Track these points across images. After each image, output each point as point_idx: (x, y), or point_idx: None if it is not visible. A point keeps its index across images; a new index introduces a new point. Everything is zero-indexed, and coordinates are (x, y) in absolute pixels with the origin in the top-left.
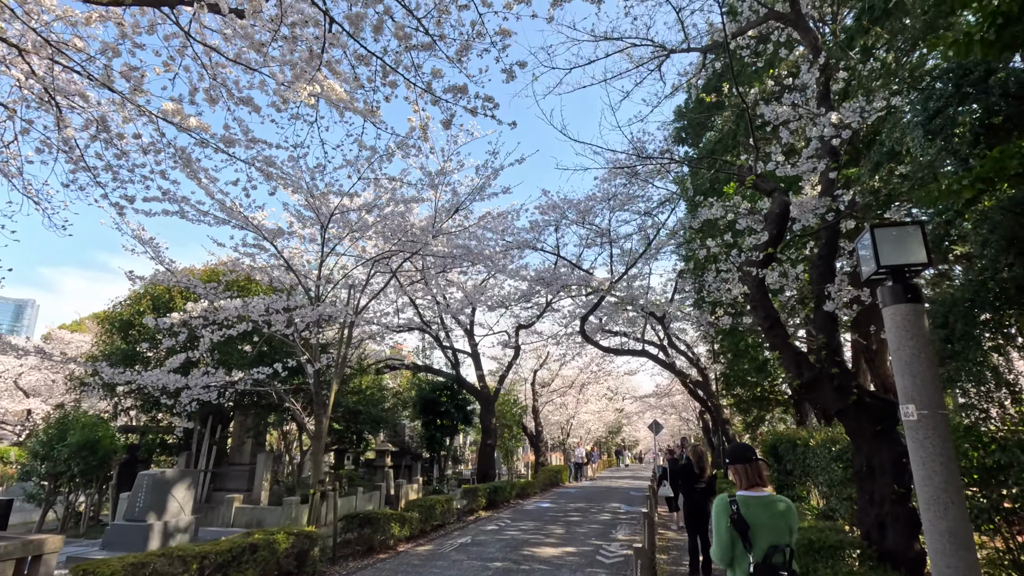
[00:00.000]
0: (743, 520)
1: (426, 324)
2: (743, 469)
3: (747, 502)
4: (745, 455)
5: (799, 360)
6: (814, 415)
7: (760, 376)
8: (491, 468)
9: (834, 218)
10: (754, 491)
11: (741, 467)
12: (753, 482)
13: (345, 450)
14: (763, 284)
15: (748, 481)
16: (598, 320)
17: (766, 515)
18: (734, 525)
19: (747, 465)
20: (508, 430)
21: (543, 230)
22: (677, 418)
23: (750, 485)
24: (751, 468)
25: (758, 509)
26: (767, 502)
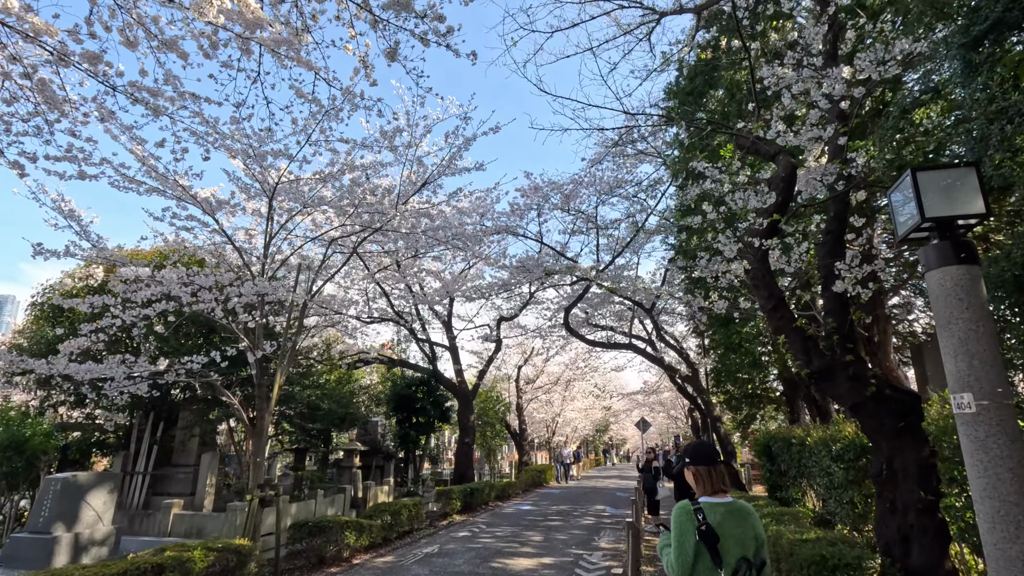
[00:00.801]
0: (712, 531)
1: (399, 315)
2: (706, 472)
3: (714, 510)
4: (708, 455)
5: (808, 346)
6: (808, 413)
7: (754, 371)
8: (469, 469)
9: (844, 187)
10: (718, 497)
11: (704, 469)
12: (717, 487)
13: (305, 450)
14: (766, 258)
15: (712, 486)
16: (584, 314)
17: (734, 525)
18: (702, 538)
19: (710, 468)
20: (491, 428)
21: (525, 215)
22: (665, 416)
23: (714, 490)
24: (715, 471)
25: (726, 518)
26: (733, 510)
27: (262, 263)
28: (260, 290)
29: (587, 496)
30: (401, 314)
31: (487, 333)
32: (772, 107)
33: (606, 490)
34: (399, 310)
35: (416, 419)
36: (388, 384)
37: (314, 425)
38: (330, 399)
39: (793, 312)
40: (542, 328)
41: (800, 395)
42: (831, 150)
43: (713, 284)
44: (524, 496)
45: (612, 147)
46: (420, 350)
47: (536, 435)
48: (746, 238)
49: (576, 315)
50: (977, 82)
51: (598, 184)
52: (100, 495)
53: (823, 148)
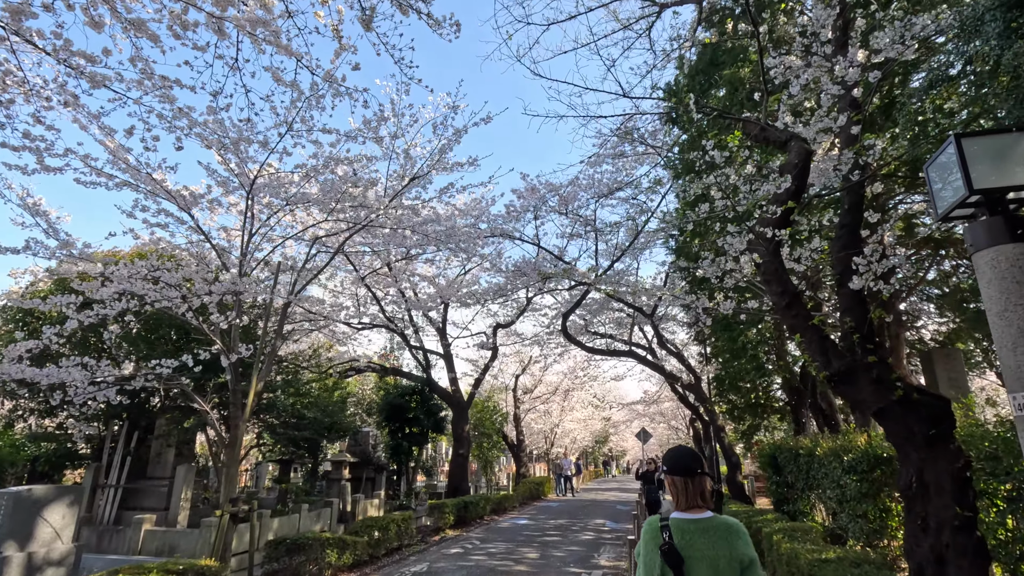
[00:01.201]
0: (675, 552)
1: (391, 321)
2: (681, 484)
3: (682, 528)
4: (686, 465)
5: (826, 346)
6: (814, 423)
7: (759, 378)
8: (463, 481)
9: (860, 177)
10: (692, 513)
11: (680, 480)
12: (693, 502)
13: (290, 461)
14: (779, 251)
15: (687, 500)
16: (583, 321)
17: (707, 545)
18: (665, 558)
19: (688, 479)
20: (487, 439)
21: (521, 217)
22: (666, 427)
23: (689, 505)
24: (692, 483)
25: (696, 537)
26: (709, 527)
27: (240, 261)
28: (233, 288)
29: (587, 510)
30: (393, 320)
31: (483, 341)
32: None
33: (606, 503)
34: (391, 316)
35: (409, 429)
36: (381, 393)
37: (298, 434)
38: (316, 408)
39: (808, 309)
40: (540, 336)
41: (805, 404)
42: (844, 140)
43: (718, 284)
44: (521, 509)
45: (611, 147)
46: (413, 358)
47: (534, 446)
48: (757, 228)
49: (575, 322)
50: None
51: (596, 186)
52: (58, 510)
53: (833, 141)
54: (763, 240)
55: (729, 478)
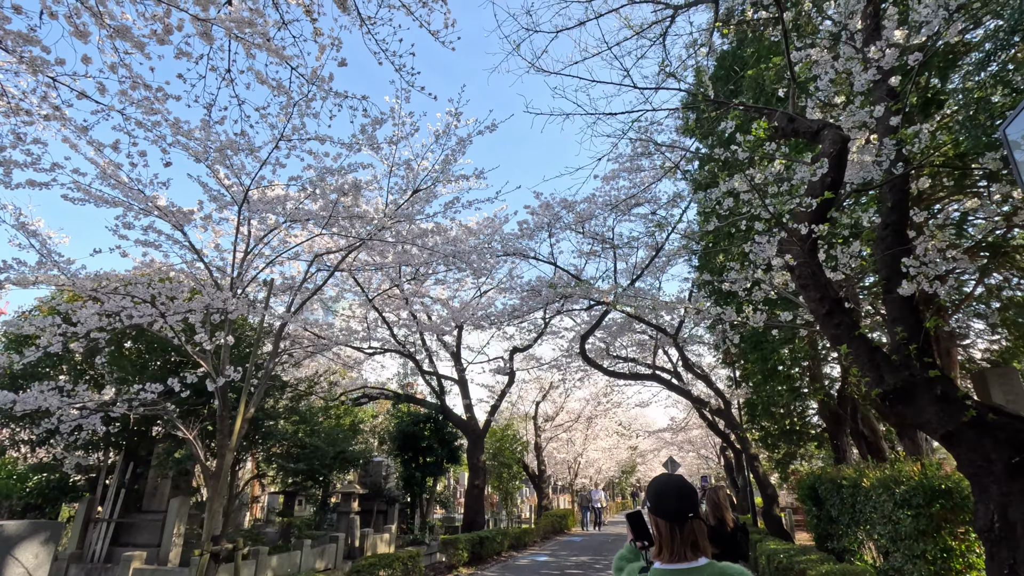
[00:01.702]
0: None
1: (402, 345)
2: (667, 530)
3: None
4: (674, 508)
5: (877, 359)
6: (856, 450)
7: (793, 400)
8: (479, 514)
9: (904, 169)
10: (679, 563)
11: (664, 526)
12: (679, 552)
13: (294, 493)
14: (816, 250)
15: (671, 551)
16: (603, 344)
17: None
18: None
19: (675, 525)
20: (507, 469)
21: (535, 235)
22: (695, 456)
23: (673, 555)
24: (681, 531)
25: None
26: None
27: (231, 279)
28: (221, 307)
29: (611, 545)
30: (405, 345)
31: (500, 365)
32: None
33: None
34: (404, 341)
35: (422, 459)
36: (394, 421)
37: (298, 465)
38: (320, 436)
39: (854, 317)
40: (559, 360)
41: (845, 430)
42: (882, 133)
43: (746, 298)
44: (542, 544)
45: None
46: (426, 384)
47: (558, 477)
48: (790, 224)
49: (596, 345)
50: None
51: (613, 203)
52: (31, 548)
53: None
54: (797, 238)
55: (765, 511)
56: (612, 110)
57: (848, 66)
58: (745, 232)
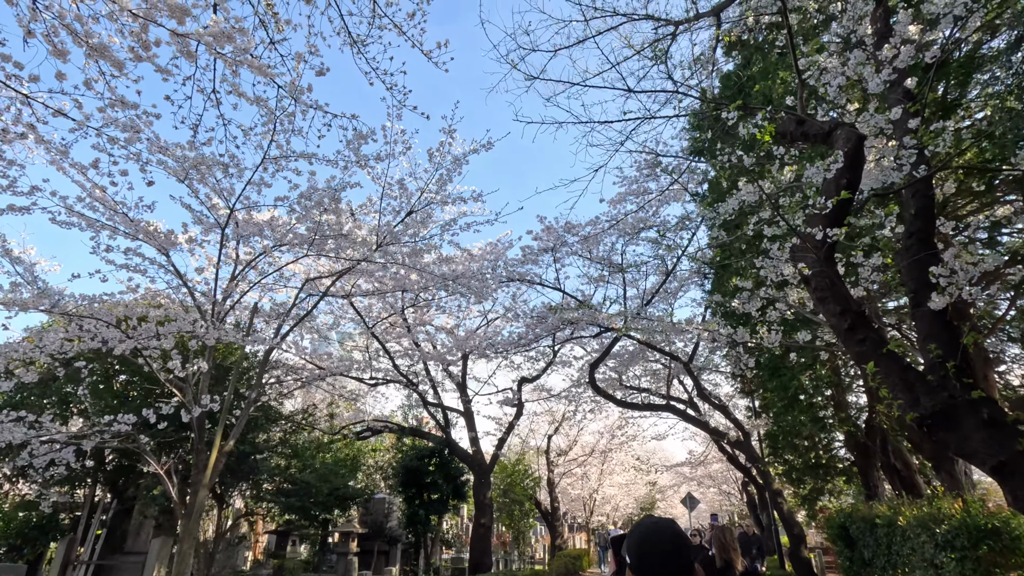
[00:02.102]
0: None
1: (404, 376)
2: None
3: None
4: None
5: (910, 378)
6: (889, 485)
7: (817, 430)
8: (486, 555)
9: (928, 170)
10: None
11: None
12: None
13: (287, 532)
14: (833, 257)
15: None
16: (615, 374)
17: None
18: None
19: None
20: (518, 507)
21: (539, 259)
22: (716, 491)
23: None
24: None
25: None
26: None
27: (212, 304)
28: (197, 330)
29: None
30: (408, 375)
31: (508, 397)
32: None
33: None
34: (407, 371)
35: (427, 496)
36: (399, 456)
37: (289, 501)
38: (314, 472)
39: (881, 331)
40: (570, 391)
41: (875, 464)
42: (899, 136)
43: (759, 319)
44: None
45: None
46: (430, 416)
47: (574, 514)
48: (804, 229)
49: (608, 376)
50: None
51: (620, 226)
52: None
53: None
54: (811, 245)
55: (792, 552)
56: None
57: (859, 71)
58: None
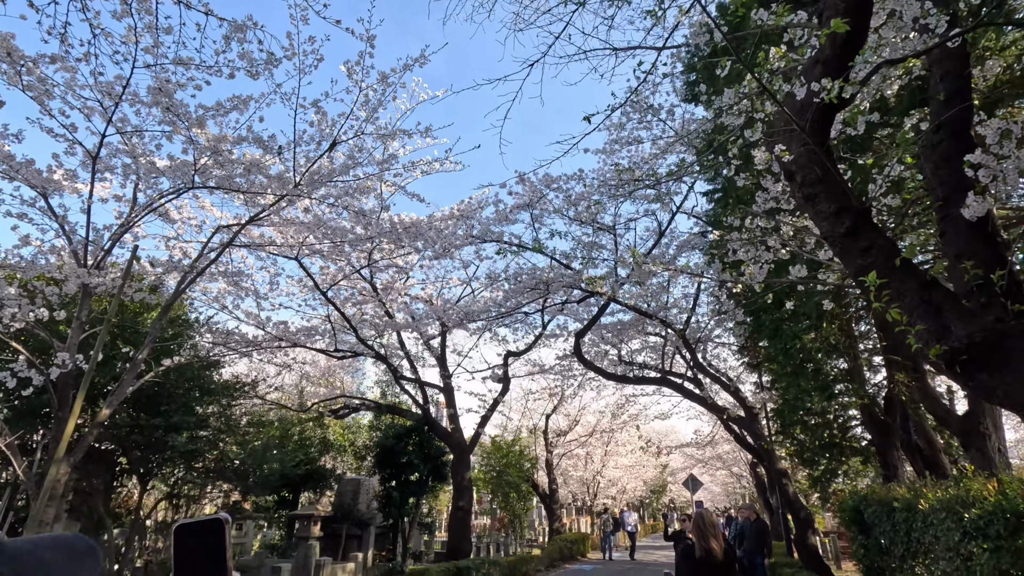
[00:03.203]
0: None
1: (368, 346)
2: None
3: None
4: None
5: (936, 300)
6: (911, 466)
7: (824, 399)
8: (464, 540)
9: (960, 30)
10: None
11: None
12: None
13: (232, 514)
14: (826, 132)
15: None
16: (614, 349)
17: None
18: None
19: None
20: (515, 489)
21: (516, 217)
22: (727, 473)
23: None
24: None
25: None
26: None
27: (83, 246)
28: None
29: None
30: (379, 347)
31: (493, 372)
32: None
33: (653, 567)
34: (375, 342)
35: (404, 477)
36: (376, 435)
37: (214, 483)
38: (253, 451)
39: (890, 237)
40: (559, 365)
41: (894, 443)
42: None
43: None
44: (545, 574)
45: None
46: (405, 391)
47: (578, 496)
48: (783, 90)
49: (605, 352)
50: None
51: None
52: None
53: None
54: (795, 113)
55: (798, 540)
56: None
57: None
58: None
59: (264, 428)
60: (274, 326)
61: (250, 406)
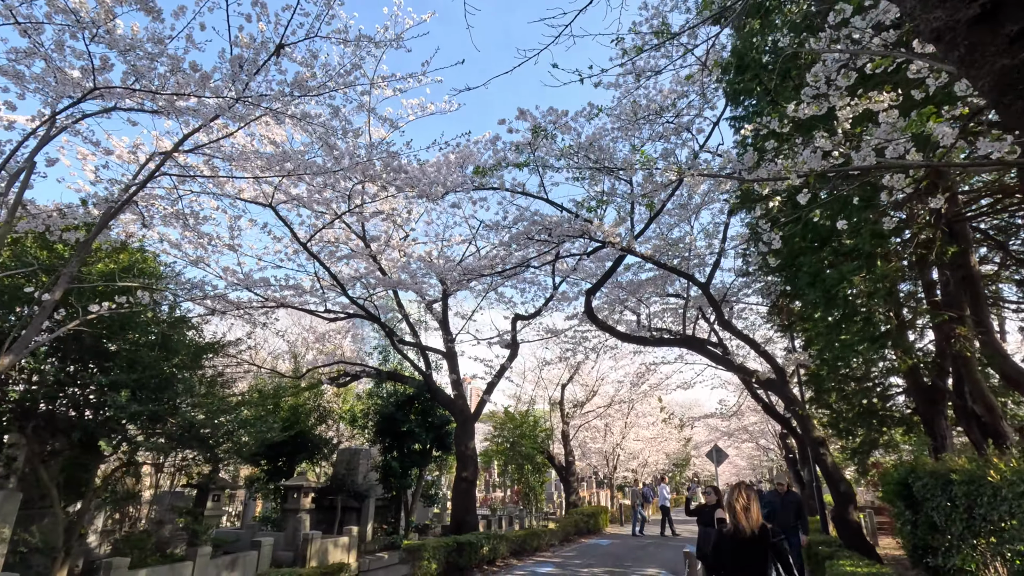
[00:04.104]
0: None
1: (359, 305)
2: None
3: None
4: None
5: None
6: (967, 435)
7: (874, 350)
8: (470, 513)
9: None
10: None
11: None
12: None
13: (206, 486)
14: None
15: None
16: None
17: None
18: None
19: None
20: (529, 462)
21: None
22: (753, 446)
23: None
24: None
25: None
26: None
27: None
28: None
29: (642, 553)
30: (366, 307)
31: (501, 338)
32: None
33: (674, 544)
34: (366, 301)
35: (405, 447)
36: (377, 403)
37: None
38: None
39: None
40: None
41: (942, 411)
42: None
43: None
44: (558, 550)
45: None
46: (402, 355)
47: (599, 469)
48: None
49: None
50: None
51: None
52: None
53: None
54: None
55: (837, 515)
56: None
57: None
58: None
59: (248, 395)
60: (253, 283)
61: (238, 371)
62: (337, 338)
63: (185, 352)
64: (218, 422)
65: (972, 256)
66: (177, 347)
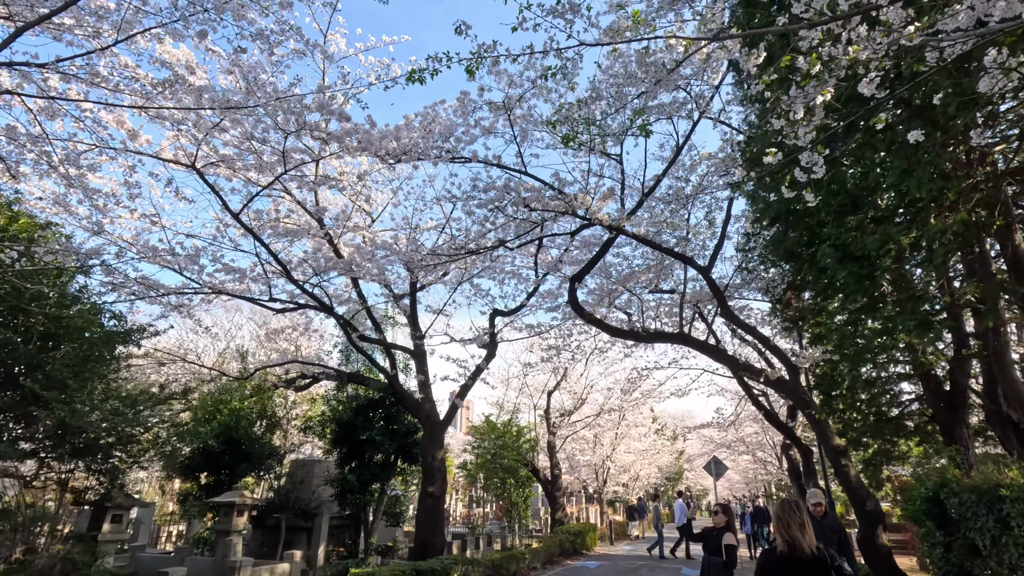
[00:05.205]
0: None
1: (307, 292)
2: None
3: None
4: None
5: None
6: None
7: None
8: (436, 535)
9: None
10: None
11: None
12: None
13: (103, 504)
14: None
15: None
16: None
17: None
18: None
19: None
20: (512, 475)
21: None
22: (751, 459)
23: None
24: None
25: None
26: None
27: None
28: None
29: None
30: (316, 295)
31: (479, 336)
32: None
33: (668, 565)
34: (315, 288)
35: (366, 457)
36: (338, 408)
37: (64, 462)
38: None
39: None
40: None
41: (963, 418)
42: None
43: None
44: (540, 573)
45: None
46: (360, 352)
47: (588, 483)
48: None
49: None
50: None
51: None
52: None
53: None
54: None
55: (863, 538)
56: None
57: None
58: None
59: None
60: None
61: (175, 370)
62: (294, 335)
63: (78, 340)
64: (119, 427)
65: (1017, 233)
66: (70, 333)
